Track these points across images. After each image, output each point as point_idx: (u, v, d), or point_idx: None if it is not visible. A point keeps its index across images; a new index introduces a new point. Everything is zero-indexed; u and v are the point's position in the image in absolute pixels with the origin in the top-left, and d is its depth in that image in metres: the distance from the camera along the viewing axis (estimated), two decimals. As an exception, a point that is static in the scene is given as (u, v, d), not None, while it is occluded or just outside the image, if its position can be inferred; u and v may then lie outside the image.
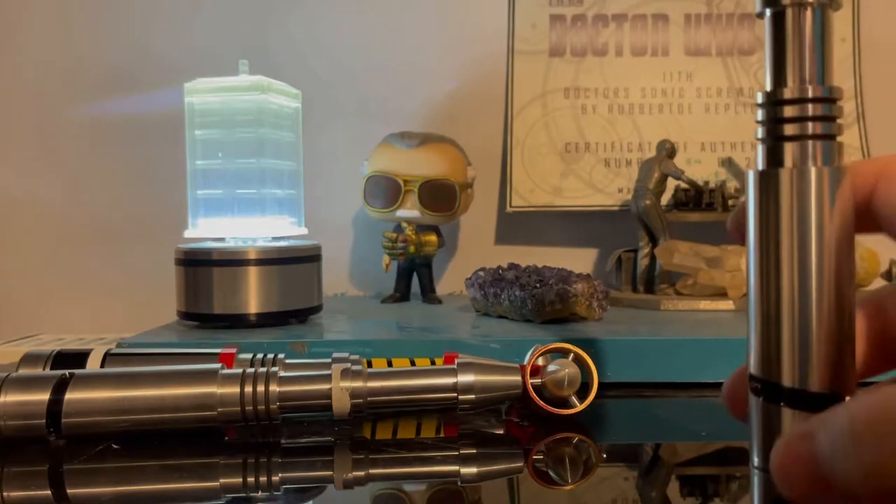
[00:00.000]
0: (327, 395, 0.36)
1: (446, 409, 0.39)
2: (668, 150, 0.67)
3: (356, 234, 0.80)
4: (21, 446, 0.35)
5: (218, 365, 0.37)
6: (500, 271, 0.58)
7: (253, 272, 0.53)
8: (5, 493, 0.30)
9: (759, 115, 0.27)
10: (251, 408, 0.35)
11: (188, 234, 0.58)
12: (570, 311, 0.53)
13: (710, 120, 0.74)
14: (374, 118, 0.78)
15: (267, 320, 0.54)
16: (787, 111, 0.26)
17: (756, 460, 0.29)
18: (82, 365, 0.40)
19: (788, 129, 0.26)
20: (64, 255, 0.80)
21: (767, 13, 0.27)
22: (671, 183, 0.67)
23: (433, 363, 0.42)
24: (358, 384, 0.37)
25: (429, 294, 0.69)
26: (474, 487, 0.31)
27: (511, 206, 0.73)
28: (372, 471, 0.32)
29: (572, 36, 0.76)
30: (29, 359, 0.40)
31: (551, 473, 0.32)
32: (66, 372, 0.36)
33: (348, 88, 0.79)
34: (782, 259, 0.26)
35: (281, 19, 0.79)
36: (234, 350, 0.40)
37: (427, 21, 0.79)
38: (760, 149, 0.27)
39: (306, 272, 0.56)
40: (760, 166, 0.27)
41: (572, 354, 0.39)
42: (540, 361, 0.39)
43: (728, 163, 0.73)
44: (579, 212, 0.75)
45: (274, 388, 0.36)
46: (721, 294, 0.61)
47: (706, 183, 0.69)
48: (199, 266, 0.54)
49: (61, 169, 0.80)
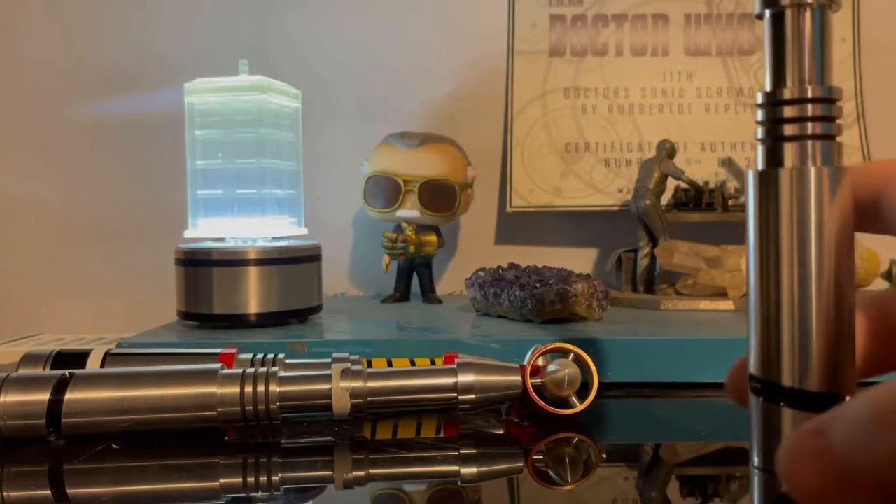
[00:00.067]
0: (327, 395, 0.36)
1: (446, 409, 0.39)
2: (668, 150, 0.67)
3: (356, 234, 0.80)
4: (21, 446, 0.35)
5: (218, 365, 0.37)
6: (500, 271, 0.58)
7: (253, 272, 0.53)
8: (5, 493, 0.30)
9: (759, 115, 0.27)
10: (251, 408, 0.35)
11: (188, 234, 0.58)
12: (570, 311, 0.53)
13: (710, 120, 0.74)
14: (374, 118, 0.78)
15: (267, 320, 0.54)
16: (787, 111, 0.26)
17: (756, 460, 0.29)
18: (82, 365, 0.40)
19: (788, 130, 0.26)
20: (64, 255, 0.80)
21: (767, 14, 0.27)
22: (671, 183, 0.67)
23: (433, 363, 0.42)
24: (358, 384, 0.37)
25: (429, 294, 0.69)
26: (474, 487, 0.31)
27: (511, 206, 0.73)
28: (372, 471, 0.32)
29: (572, 36, 0.76)
30: (29, 359, 0.40)
31: (551, 473, 0.32)
32: (66, 372, 0.36)
33: (348, 88, 0.79)
34: (782, 259, 0.26)
35: (281, 19, 0.79)
36: (234, 350, 0.40)
37: (427, 21, 0.79)
38: (760, 149, 0.27)
39: (306, 272, 0.56)
40: (760, 166, 0.27)
41: (572, 354, 0.39)
42: (540, 361, 0.39)
43: (728, 163, 0.73)
44: (579, 212, 0.75)
45: (274, 388, 0.36)
46: (721, 294, 0.61)
47: (706, 183, 0.69)
48: (199, 266, 0.54)
49: (61, 169, 0.80)
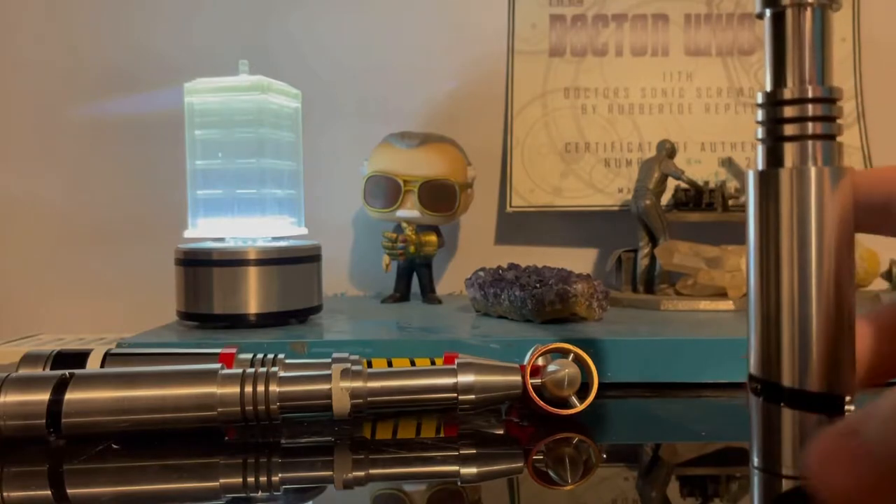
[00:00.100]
0: (327, 395, 0.36)
1: (446, 409, 0.39)
2: (668, 150, 0.67)
3: (356, 234, 0.80)
4: (21, 446, 0.35)
5: (218, 365, 0.37)
6: (500, 271, 0.58)
7: (253, 272, 0.53)
8: (5, 493, 0.30)
9: (759, 115, 0.27)
10: (251, 408, 0.35)
11: (188, 234, 0.58)
12: (570, 311, 0.53)
13: (710, 120, 0.74)
14: (374, 118, 0.78)
15: (267, 320, 0.54)
16: (787, 111, 0.26)
17: (756, 460, 0.29)
18: (82, 365, 0.40)
19: (788, 130, 0.26)
20: (64, 255, 0.80)
21: (767, 13, 0.27)
22: (671, 183, 0.67)
23: (433, 363, 0.42)
24: (358, 384, 0.37)
25: (429, 294, 0.69)
26: (474, 487, 0.31)
27: (511, 206, 0.73)
28: (372, 471, 0.32)
29: (572, 36, 0.76)
30: (29, 359, 0.40)
31: (551, 473, 0.32)
32: (66, 372, 0.36)
33: (348, 88, 0.79)
34: (782, 259, 0.26)
35: (281, 19, 0.79)
36: (234, 350, 0.40)
37: (427, 21, 0.79)
38: (760, 149, 0.27)
39: (306, 272, 0.56)
40: (760, 166, 0.27)
41: (572, 354, 0.39)
42: (540, 361, 0.39)
43: (728, 163, 0.73)
44: (579, 212, 0.75)
45: (274, 388, 0.36)
46: (721, 294, 0.61)
47: (706, 183, 0.69)
48: (198, 266, 0.54)
49: (61, 169, 0.80)
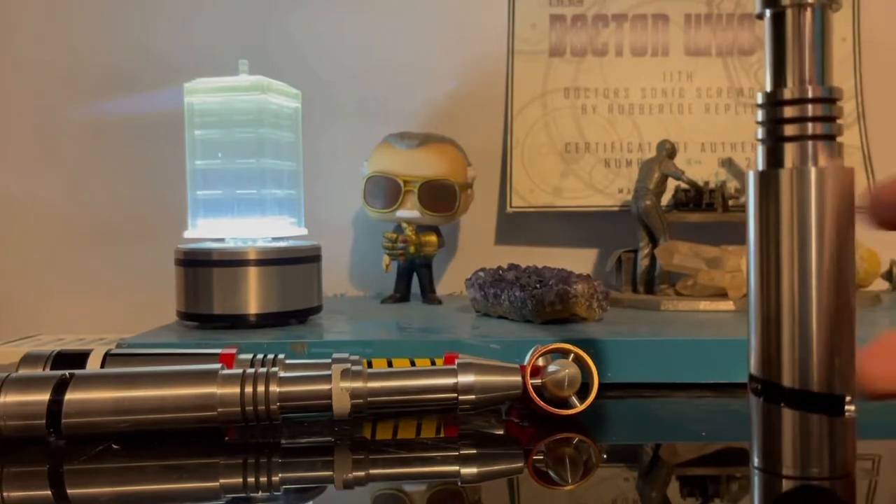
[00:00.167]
0: (327, 395, 0.36)
1: (446, 409, 0.39)
2: (668, 151, 0.67)
3: (356, 235, 0.80)
4: (21, 446, 0.35)
5: (218, 365, 0.37)
6: (500, 272, 0.58)
7: (253, 272, 0.53)
8: (5, 493, 0.30)
9: (760, 115, 0.27)
10: (251, 408, 0.35)
11: (188, 234, 0.58)
12: (570, 311, 0.53)
13: (710, 120, 0.74)
14: (374, 118, 0.78)
15: (267, 321, 0.54)
16: (787, 111, 0.26)
17: (756, 460, 0.29)
18: (82, 365, 0.40)
19: (788, 130, 0.26)
20: (64, 255, 0.80)
21: (767, 14, 0.27)
22: (671, 183, 0.67)
23: (433, 363, 0.42)
24: (358, 384, 0.37)
25: (429, 294, 0.69)
26: (474, 487, 0.31)
27: (511, 207, 0.73)
28: (372, 471, 0.32)
29: (572, 36, 0.76)
30: (29, 359, 0.40)
31: (551, 474, 0.32)
32: (66, 372, 0.36)
33: (348, 88, 0.79)
34: (782, 259, 0.26)
35: (281, 19, 0.79)
36: (234, 350, 0.40)
37: (427, 21, 0.79)
38: (760, 149, 0.27)
39: (306, 272, 0.56)
40: (760, 167, 0.27)
41: (572, 355, 0.39)
42: (540, 362, 0.39)
43: (728, 163, 0.73)
44: (579, 212, 0.75)
45: (274, 388, 0.36)
46: (721, 294, 0.61)
47: (706, 183, 0.69)
48: (198, 266, 0.54)
49: (61, 169, 0.80)
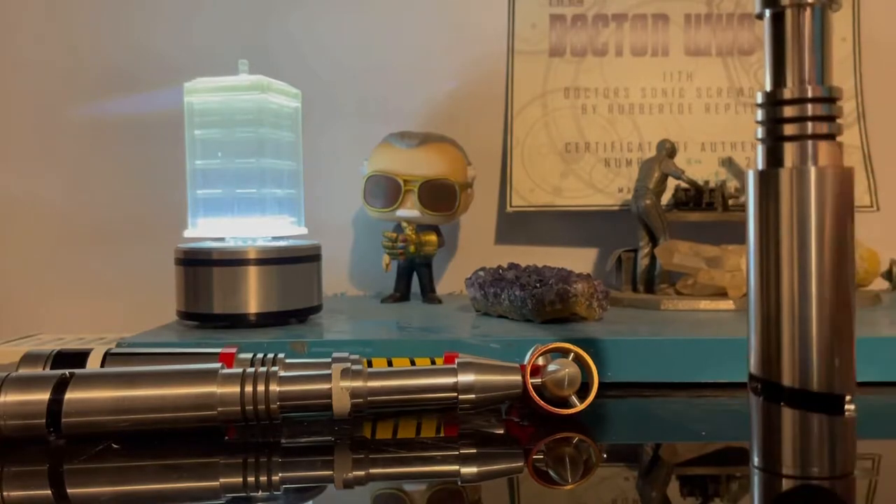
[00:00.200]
0: (327, 394, 0.36)
1: (446, 408, 0.39)
2: (668, 150, 0.67)
3: (356, 234, 0.80)
4: (21, 446, 0.35)
5: (218, 365, 0.37)
6: (500, 271, 0.58)
7: (253, 272, 0.53)
8: (5, 493, 0.30)
9: (759, 115, 0.27)
10: (251, 407, 0.35)
11: (188, 233, 0.58)
12: (570, 311, 0.53)
13: (710, 120, 0.74)
14: (374, 118, 0.78)
15: (267, 320, 0.54)
16: (787, 111, 0.26)
17: (756, 460, 0.29)
18: (82, 365, 0.40)
19: (788, 129, 0.26)
20: (64, 255, 0.80)
21: (767, 13, 0.27)
22: (671, 183, 0.67)
23: (433, 363, 0.42)
24: (358, 384, 0.37)
25: (429, 294, 0.69)
26: (474, 487, 0.31)
27: (511, 206, 0.73)
28: (372, 471, 0.32)
29: (572, 36, 0.76)
30: (29, 359, 0.40)
31: (551, 473, 0.32)
32: (66, 372, 0.36)
33: (348, 88, 0.79)
34: (782, 259, 0.26)
35: (281, 19, 0.79)
36: (234, 350, 0.40)
37: (427, 21, 0.79)
38: (760, 149, 0.27)
39: (306, 272, 0.56)
40: (760, 166, 0.27)
41: (572, 354, 0.39)
42: (540, 361, 0.39)
43: (728, 163, 0.73)
44: (579, 212, 0.75)
45: (274, 387, 0.36)
46: (721, 294, 0.61)
47: (706, 183, 0.69)
48: (198, 266, 0.54)
49: (61, 169, 0.80)
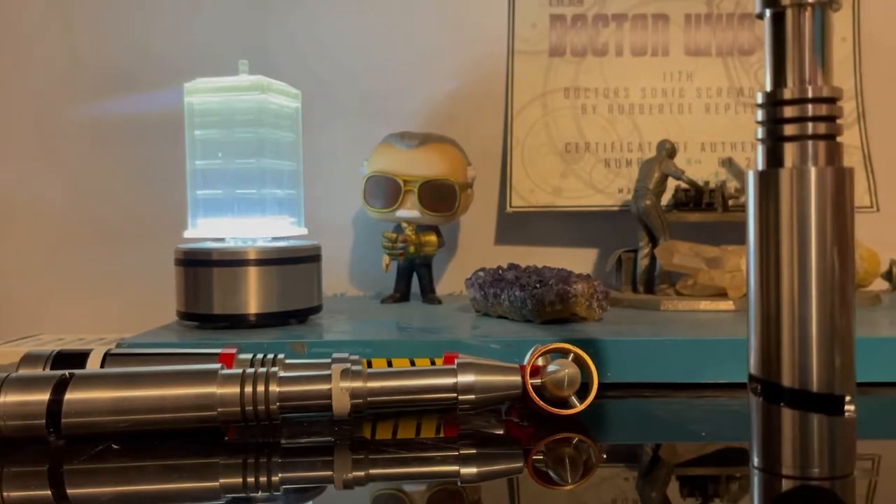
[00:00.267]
0: (327, 395, 0.36)
1: (446, 409, 0.39)
2: (668, 150, 0.67)
3: (356, 234, 0.80)
4: (21, 446, 0.35)
5: (218, 365, 0.37)
6: (500, 271, 0.58)
7: (253, 272, 0.53)
8: (5, 493, 0.30)
9: (760, 115, 0.27)
10: (251, 408, 0.35)
11: (188, 234, 0.58)
12: (570, 311, 0.53)
13: (710, 120, 0.74)
14: (374, 118, 0.78)
15: (267, 320, 0.54)
16: (787, 111, 0.26)
17: (756, 460, 0.29)
18: (82, 365, 0.40)
19: (788, 130, 0.26)
20: (64, 255, 0.80)
21: (767, 13, 0.27)
22: (671, 183, 0.67)
23: (433, 363, 0.42)
24: (358, 384, 0.37)
25: (429, 294, 0.69)
26: (474, 487, 0.31)
27: (511, 206, 0.73)
28: (372, 471, 0.32)
29: (572, 36, 0.76)
30: (29, 359, 0.40)
31: (551, 473, 0.32)
32: (66, 372, 0.36)
33: (348, 88, 0.79)
34: (782, 259, 0.26)
35: (281, 19, 0.79)
36: (234, 350, 0.40)
37: (427, 21, 0.79)
38: (760, 149, 0.27)
39: (306, 272, 0.56)
40: (760, 166, 0.27)
41: (572, 354, 0.39)
42: (540, 362, 0.39)
43: (728, 163, 0.73)
44: (579, 212, 0.75)
45: (274, 388, 0.36)
46: (721, 294, 0.61)
47: (706, 183, 0.69)
48: (198, 266, 0.54)
49: (61, 169, 0.80)
